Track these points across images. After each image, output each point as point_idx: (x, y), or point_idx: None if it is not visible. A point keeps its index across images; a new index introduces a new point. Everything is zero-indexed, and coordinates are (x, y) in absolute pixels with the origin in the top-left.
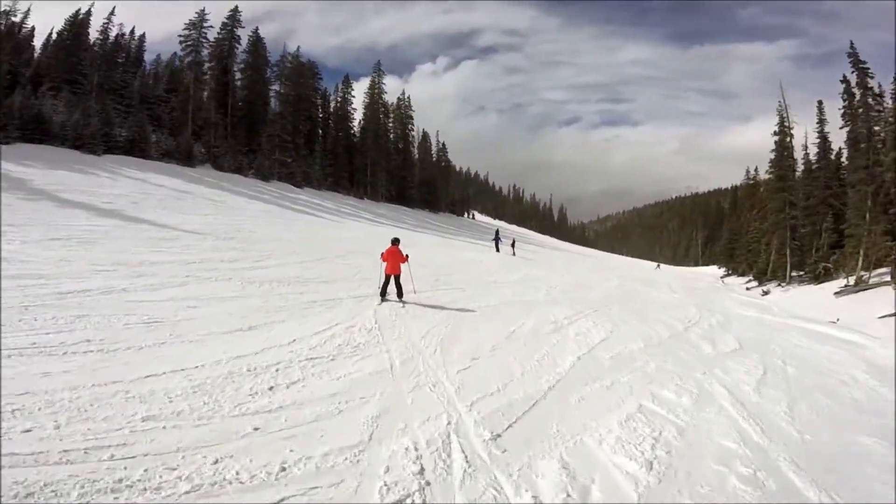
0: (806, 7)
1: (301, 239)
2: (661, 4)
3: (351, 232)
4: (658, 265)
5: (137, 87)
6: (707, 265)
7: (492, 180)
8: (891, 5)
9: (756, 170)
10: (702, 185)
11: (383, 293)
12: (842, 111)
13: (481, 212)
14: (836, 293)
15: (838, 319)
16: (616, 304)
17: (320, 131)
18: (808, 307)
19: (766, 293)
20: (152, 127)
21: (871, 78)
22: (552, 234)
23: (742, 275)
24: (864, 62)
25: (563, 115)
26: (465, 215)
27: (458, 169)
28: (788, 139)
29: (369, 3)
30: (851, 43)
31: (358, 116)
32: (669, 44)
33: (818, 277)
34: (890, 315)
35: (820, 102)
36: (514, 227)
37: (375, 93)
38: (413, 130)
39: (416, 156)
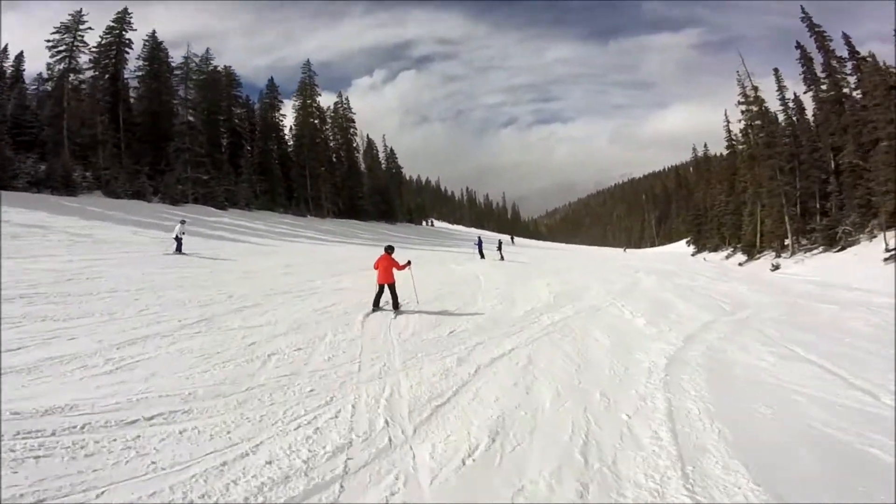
0: None
1: (193, 280)
2: (578, 4)
3: (286, 257)
4: (625, 249)
5: (11, 110)
6: (664, 244)
7: (444, 186)
8: None
9: (706, 146)
10: (635, 171)
11: (376, 303)
12: (802, 76)
13: (438, 218)
14: (885, 259)
15: None
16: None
17: (246, 145)
18: (868, 281)
19: (776, 267)
20: (26, 153)
21: (830, 41)
22: (509, 233)
23: (715, 249)
24: (819, 25)
25: (501, 118)
26: (425, 223)
27: (409, 178)
28: (763, 107)
29: (298, 22)
30: (802, 8)
31: (292, 126)
32: (590, 41)
33: (834, 243)
34: None
35: (776, 70)
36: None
37: (307, 95)
38: (356, 136)
39: (363, 165)
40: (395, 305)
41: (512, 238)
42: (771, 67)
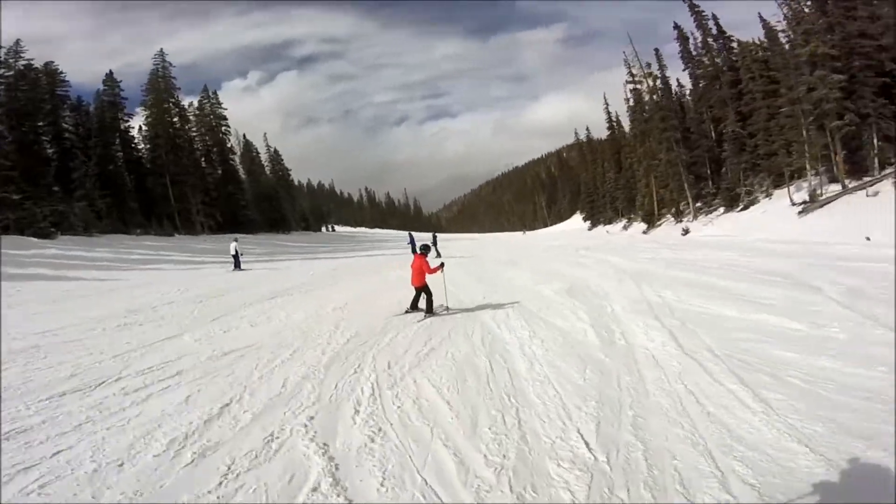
0: None
1: None
2: (461, 2)
3: (135, 296)
4: (524, 232)
5: None
6: (555, 223)
7: (340, 189)
8: None
9: (588, 131)
10: (518, 159)
11: (413, 306)
12: (680, 55)
13: (338, 223)
14: (799, 212)
15: (869, 238)
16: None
17: (80, 154)
18: (785, 233)
19: (686, 231)
20: None
21: (707, 20)
22: (414, 229)
23: (610, 222)
24: (698, 5)
25: (394, 116)
26: (325, 229)
27: (300, 182)
28: (656, 83)
29: (151, 25)
30: None
31: (141, 125)
32: (473, 37)
33: (735, 203)
34: None
35: (657, 49)
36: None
37: (161, 89)
38: (229, 135)
39: (242, 170)
40: (429, 309)
41: (434, 236)
42: (622, 59)
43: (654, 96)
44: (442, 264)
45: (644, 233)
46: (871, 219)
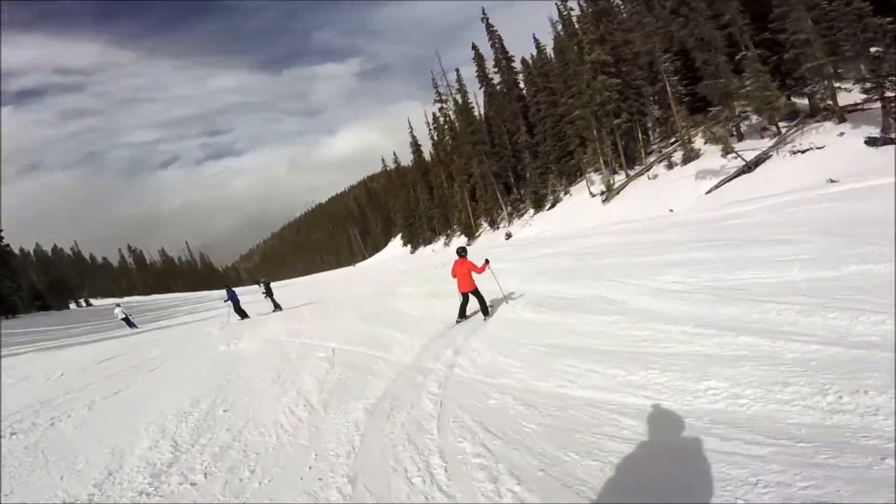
0: (360, 28)
1: None
2: (250, 33)
3: None
4: (354, 265)
5: None
6: (373, 254)
7: (90, 252)
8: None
9: (396, 157)
10: (320, 195)
11: (462, 314)
12: (476, 75)
13: (93, 295)
14: (603, 201)
15: (672, 210)
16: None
17: None
18: (598, 218)
19: (509, 236)
20: None
21: (500, 40)
22: (207, 287)
23: (430, 242)
24: (494, 26)
25: (159, 157)
26: (76, 305)
27: (23, 250)
28: (465, 100)
29: None
30: (483, 9)
31: None
32: (261, 70)
33: (541, 204)
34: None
35: (457, 70)
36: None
37: None
38: None
39: None
40: (485, 311)
41: (267, 284)
42: (407, 89)
43: (463, 113)
44: (487, 260)
45: (468, 245)
46: (667, 195)
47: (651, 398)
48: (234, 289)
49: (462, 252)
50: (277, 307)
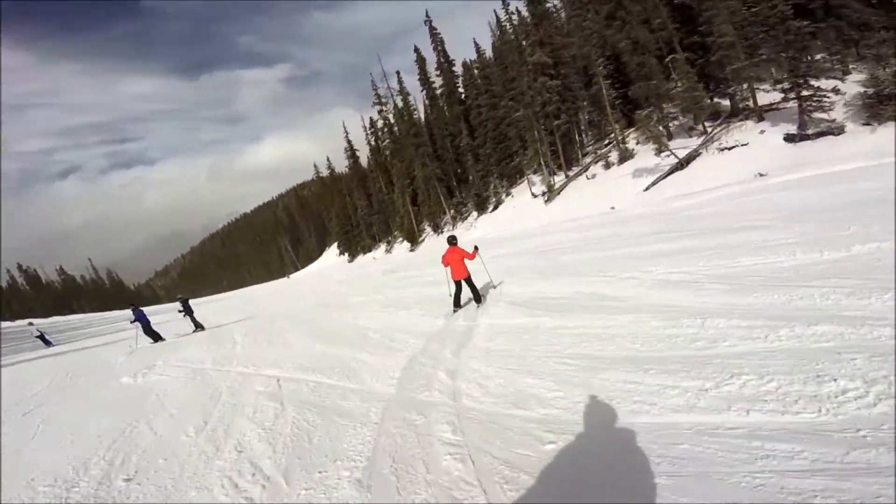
0: (289, 34)
1: None
2: (166, 36)
3: None
4: (288, 276)
5: None
6: (306, 265)
7: None
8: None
9: (330, 163)
10: (244, 206)
11: (456, 303)
12: (418, 78)
13: None
14: (545, 202)
15: (613, 207)
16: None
17: None
18: (543, 218)
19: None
20: None
21: (443, 44)
22: (116, 306)
23: (369, 249)
24: (437, 29)
25: (55, 167)
26: None
27: None
28: (407, 100)
29: None
30: (427, 11)
31: None
32: (178, 75)
33: (484, 206)
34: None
35: (398, 73)
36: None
37: None
38: None
39: None
40: (478, 299)
41: (185, 301)
42: (342, 97)
43: (404, 116)
44: (476, 247)
45: (411, 250)
46: (607, 193)
47: (783, 411)
48: (141, 308)
49: (453, 240)
50: (199, 327)
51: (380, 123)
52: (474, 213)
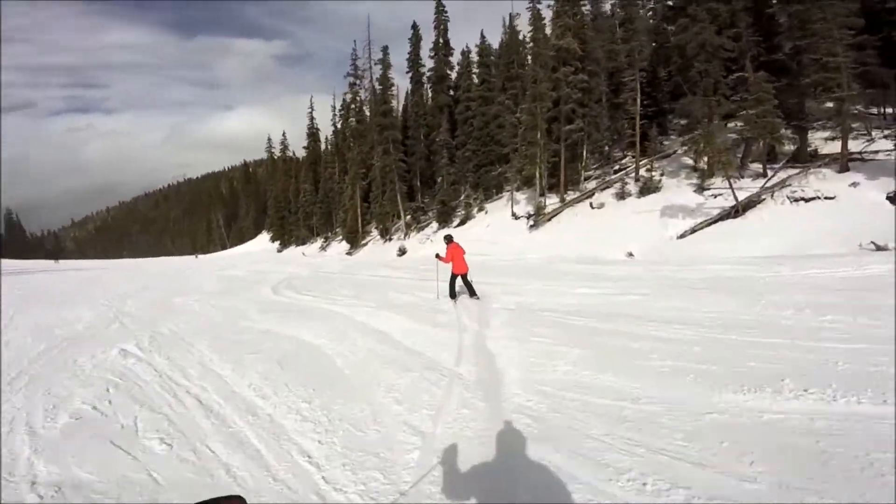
0: (295, 12)
1: None
2: None
3: None
4: (196, 256)
5: None
6: (236, 245)
7: None
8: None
9: (285, 139)
10: (190, 171)
11: (453, 294)
12: (408, 57)
13: None
14: (530, 227)
15: (632, 254)
16: None
17: None
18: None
19: (403, 252)
20: None
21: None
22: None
23: (304, 242)
24: (445, 8)
25: (5, 101)
26: None
27: None
28: (387, 74)
29: None
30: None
31: None
32: (168, 31)
33: (447, 218)
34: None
35: (385, 48)
36: None
37: None
38: None
39: None
40: (472, 293)
41: None
42: (326, 80)
43: (378, 94)
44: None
45: (348, 254)
46: (620, 231)
47: None
48: None
49: (450, 239)
50: None
51: (349, 98)
52: (434, 225)
